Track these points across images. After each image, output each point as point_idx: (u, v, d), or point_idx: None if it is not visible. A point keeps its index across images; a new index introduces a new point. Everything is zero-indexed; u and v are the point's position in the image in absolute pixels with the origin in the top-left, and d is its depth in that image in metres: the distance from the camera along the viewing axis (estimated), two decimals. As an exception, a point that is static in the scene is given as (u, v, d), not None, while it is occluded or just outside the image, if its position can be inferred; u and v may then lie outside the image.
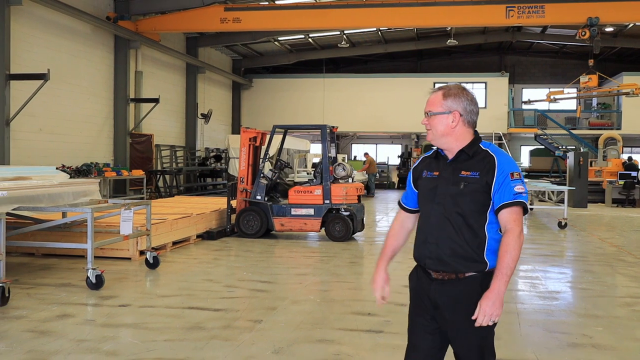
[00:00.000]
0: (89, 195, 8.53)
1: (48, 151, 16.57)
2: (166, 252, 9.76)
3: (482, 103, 31.07)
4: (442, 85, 3.21)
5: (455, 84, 3.09)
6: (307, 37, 28.01)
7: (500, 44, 32.34)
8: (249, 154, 12.05)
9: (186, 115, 25.49)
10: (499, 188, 2.80)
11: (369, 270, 8.83)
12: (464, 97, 2.98)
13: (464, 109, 2.96)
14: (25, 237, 8.74)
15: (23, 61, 15.48)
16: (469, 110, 2.97)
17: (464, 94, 2.99)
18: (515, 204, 2.76)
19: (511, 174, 2.80)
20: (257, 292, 7.15)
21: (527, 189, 2.80)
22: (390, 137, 35.28)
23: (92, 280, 6.94)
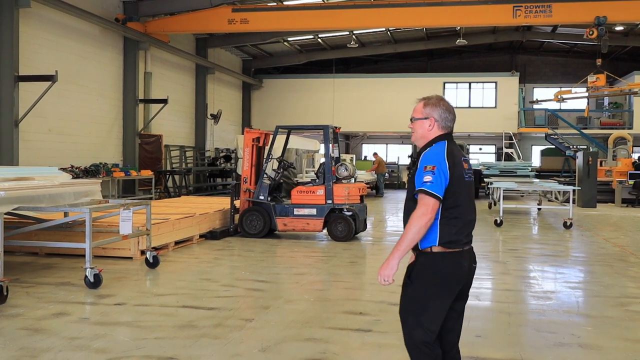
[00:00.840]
0: (90, 196, 8.65)
1: (57, 152, 16.76)
2: (168, 252, 9.86)
3: (492, 103, 31.04)
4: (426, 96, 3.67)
5: (436, 95, 3.63)
6: (317, 38, 28.08)
7: (511, 43, 32.21)
8: (252, 154, 12.14)
9: (196, 116, 25.66)
10: (416, 178, 3.35)
11: (368, 270, 8.88)
12: (441, 106, 3.52)
13: (440, 116, 3.50)
14: (28, 237, 8.89)
15: (32, 63, 15.68)
16: (443, 117, 3.50)
17: (441, 104, 3.53)
18: (420, 191, 3.28)
19: (424, 167, 3.30)
20: (253, 291, 7.22)
21: (436, 179, 3.25)
22: (400, 137, 35.23)
23: (90, 279, 7.05)
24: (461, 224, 3.37)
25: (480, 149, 33.92)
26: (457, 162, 3.37)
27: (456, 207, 3.34)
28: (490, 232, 13.38)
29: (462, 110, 31.07)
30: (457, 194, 3.34)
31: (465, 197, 3.39)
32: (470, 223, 3.48)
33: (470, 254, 3.48)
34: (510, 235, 12.96)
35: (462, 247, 3.38)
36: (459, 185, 3.34)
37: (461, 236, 3.37)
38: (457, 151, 3.45)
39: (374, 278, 7.96)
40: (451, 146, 3.42)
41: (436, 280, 3.33)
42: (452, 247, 3.34)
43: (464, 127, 30.95)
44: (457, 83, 31.46)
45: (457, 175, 3.34)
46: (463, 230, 3.39)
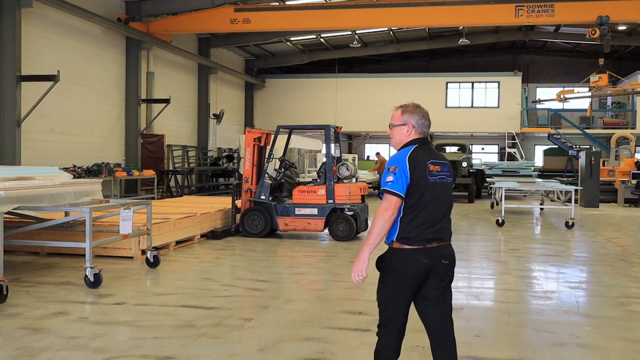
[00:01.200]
0: (90, 195, 8.66)
1: (59, 151, 16.79)
2: (169, 251, 9.87)
3: (495, 102, 30.98)
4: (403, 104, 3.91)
5: (412, 103, 3.86)
6: (319, 37, 28.09)
7: (514, 43, 32.18)
8: (253, 154, 12.15)
9: (198, 116, 25.67)
10: (382, 178, 3.70)
11: (369, 270, 8.87)
12: (417, 113, 3.77)
13: (416, 122, 3.75)
14: (29, 237, 8.91)
15: (34, 63, 15.71)
16: (420, 123, 3.76)
17: (417, 111, 3.78)
18: (384, 190, 3.58)
19: (388, 168, 3.61)
20: (253, 291, 7.22)
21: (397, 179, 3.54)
22: (403, 136, 35.17)
23: (90, 278, 7.06)
24: (421, 221, 3.56)
25: (482, 149, 33.86)
26: (420, 164, 3.58)
27: (417, 206, 3.56)
28: (491, 232, 13.36)
29: (465, 110, 31.09)
30: (419, 193, 3.56)
31: (430, 197, 3.58)
32: (435, 221, 3.61)
33: (439, 251, 3.62)
34: (511, 235, 12.94)
35: (423, 244, 3.57)
36: (420, 186, 3.56)
37: (422, 234, 3.56)
38: (426, 154, 3.66)
39: (374, 277, 7.96)
40: (418, 150, 3.65)
41: (392, 273, 3.64)
42: (410, 244, 3.57)
43: (466, 127, 30.99)
44: (460, 83, 31.41)
45: (419, 176, 3.56)
46: (424, 227, 3.56)
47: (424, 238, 3.57)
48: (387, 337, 3.69)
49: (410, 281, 3.60)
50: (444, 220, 3.68)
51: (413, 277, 3.59)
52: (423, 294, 3.66)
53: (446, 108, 31.21)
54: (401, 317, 3.67)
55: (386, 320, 3.70)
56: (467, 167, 22.32)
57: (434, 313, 3.69)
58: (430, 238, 3.59)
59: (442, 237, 3.66)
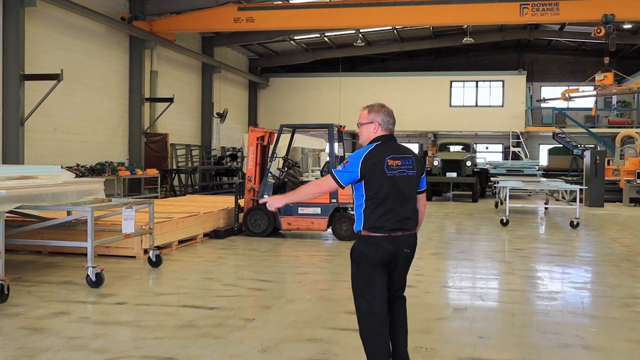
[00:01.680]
0: (93, 194, 8.63)
1: (63, 150, 16.78)
2: (172, 251, 9.84)
3: (499, 101, 30.88)
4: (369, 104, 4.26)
5: (378, 103, 4.21)
6: (323, 36, 28.03)
7: (518, 41, 32.06)
8: (256, 153, 12.11)
9: (202, 115, 25.66)
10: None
11: (372, 269, 8.83)
12: (383, 111, 4.11)
13: (382, 120, 4.08)
14: (32, 236, 8.89)
15: (38, 62, 15.70)
16: (385, 120, 4.09)
17: (383, 110, 4.12)
18: (330, 172, 4.07)
19: (345, 160, 4.02)
20: (255, 290, 7.18)
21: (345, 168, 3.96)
22: (407, 135, 35.11)
23: (92, 278, 7.03)
24: (383, 212, 3.88)
25: (487, 148, 33.75)
26: (378, 160, 3.90)
27: (377, 198, 3.90)
28: (496, 232, 13.30)
29: (469, 109, 31.00)
30: (379, 186, 3.89)
31: (388, 190, 3.89)
32: (397, 212, 3.91)
33: (402, 240, 3.95)
34: (516, 234, 12.88)
35: (388, 232, 3.90)
36: (379, 180, 3.89)
37: (385, 223, 3.89)
38: (387, 150, 3.96)
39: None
40: (380, 146, 3.98)
41: (363, 258, 3.96)
42: (375, 232, 3.92)
43: (470, 126, 30.90)
44: (464, 82, 31.32)
45: (374, 172, 3.89)
46: (386, 218, 3.89)
47: (389, 227, 3.90)
48: (375, 329, 3.92)
49: (379, 265, 3.93)
50: (406, 211, 3.97)
51: (381, 261, 3.92)
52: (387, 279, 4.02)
53: (450, 107, 31.15)
54: (380, 301, 3.93)
55: (369, 309, 3.93)
56: (472, 166, 22.24)
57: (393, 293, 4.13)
58: (394, 227, 3.91)
59: (406, 227, 3.97)
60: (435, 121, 31.03)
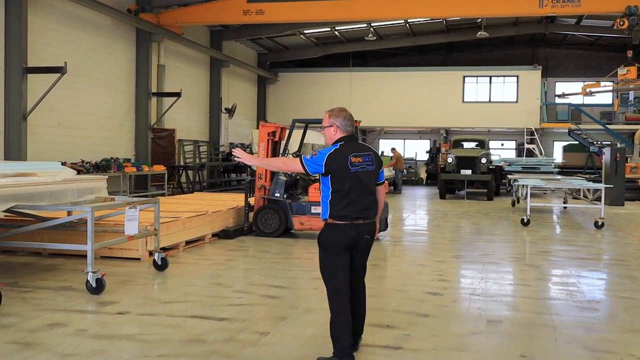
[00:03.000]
0: (95, 193, 8.11)
1: (67, 146, 16.29)
2: (179, 252, 9.32)
3: (513, 97, 30.23)
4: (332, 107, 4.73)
5: (338, 108, 4.70)
6: (334, 30, 27.44)
7: (533, 36, 31.38)
8: (267, 149, 11.56)
9: (210, 110, 25.14)
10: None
11: (392, 273, 8.27)
12: (341, 115, 4.60)
13: (340, 123, 4.58)
14: (31, 237, 8.39)
15: (42, 55, 15.20)
16: (344, 124, 4.59)
17: (341, 114, 4.61)
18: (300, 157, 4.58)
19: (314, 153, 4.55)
20: (268, 298, 6.63)
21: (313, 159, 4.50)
22: (418, 132, 34.56)
23: (92, 284, 6.50)
24: (346, 203, 4.42)
25: (502, 145, 33.09)
26: (341, 157, 4.43)
27: (341, 191, 4.43)
28: (517, 232, 12.71)
29: (482, 105, 30.35)
30: (342, 180, 4.43)
31: (351, 184, 4.43)
32: (359, 203, 4.45)
33: (363, 227, 4.50)
34: (539, 235, 12.28)
35: (351, 220, 4.44)
36: (342, 175, 4.43)
37: (348, 212, 4.42)
38: (349, 149, 4.50)
39: (398, 283, 7.37)
40: (343, 146, 4.50)
41: (329, 242, 4.48)
42: (340, 220, 4.44)
43: (484, 122, 30.26)
44: (477, 77, 30.67)
45: (339, 167, 4.42)
46: (350, 208, 4.42)
47: (351, 216, 4.43)
48: (340, 306, 4.44)
49: (342, 248, 4.46)
50: (367, 201, 4.51)
51: (344, 245, 4.46)
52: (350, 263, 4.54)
53: (463, 103, 30.52)
54: (344, 280, 4.46)
55: (335, 287, 4.46)
56: (487, 163, 21.62)
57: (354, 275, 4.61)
58: (356, 216, 4.45)
59: (367, 215, 4.52)
60: (447, 117, 30.38)
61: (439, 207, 18.75)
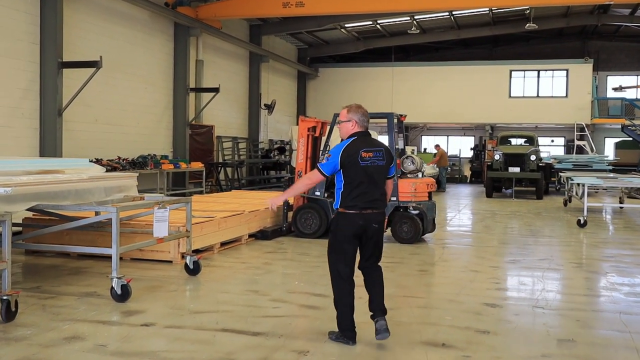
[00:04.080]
0: (124, 191, 7.62)
1: (103, 142, 15.95)
2: (213, 254, 8.79)
3: (562, 92, 29.02)
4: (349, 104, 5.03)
5: (355, 104, 5.02)
6: (376, 24, 26.67)
7: (583, 28, 30.06)
8: (307, 145, 10.95)
9: (249, 106, 24.65)
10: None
11: (443, 280, 7.57)
12: (359, 111, 4.91)
13: (359, 119, 4.89)
14: (59, 238, 7.98)
15: (77, 49, 14.87)
16: (361, 119, 4.90)
17: (360, 110, 4.93)
18: (316, 166, 4.90)
19: (327, 154, 4.84)
20: (308, 309, 6.02)
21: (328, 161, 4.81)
22: (462, 128, 33.57)
23: (117, 291, 5.98)
24: (356, 195, 4.73)
25: (552, 141, 31.88)
26: (354, 153, 4.74)
27: (352, 183, 4.76)
28: (574, 234, 11.85)
29: (530, 100, 29.24)
30: (353, 174, 4.75)
31: (361, 176, 4.76)
32: (367, 195, 4.78)
33: (371, 216, 4.81)
34: (598, 238, 11.41)
35: (359, 210, 4.76)
36: (353, 169, 4.74)
37: (358, 203, 4.74)
38: (362, 144, 4.82)
39: (451, 293, 6.67)
40: (356, 140, 4.82)
41: (339, 229, 4.83)
42: (350, 210, 4.77)
43: (531, 118, 29.15)
44: (525, 71, 29.52)
45: (351, 162, 4.73)
46: (359, 199, 4.74)
47: (360, 206, 4.76)
48: (344, 288, 4.80)
49: (351, 236, 4.80)
50: (376, 193, 4.83)
51: (352, 232, 4.80)
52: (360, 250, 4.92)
53: (509, 98, 29.43)
54: (350, 270, 4.83)
55: (338, 271, 4.81)
56: (536, 160, 20.65)
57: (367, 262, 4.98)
58: (365, 206, 4.77)
59: (375, 206, 4.84)
60: (493, 113, 29.34)
61: (486, 206, 17.90)
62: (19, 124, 13.45)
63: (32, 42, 13.67)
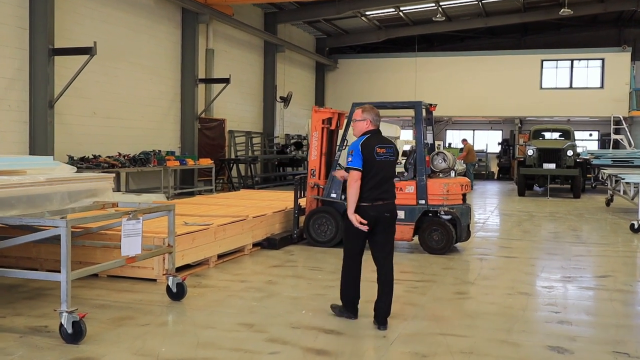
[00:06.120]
0: (96, 196, 6.27)
1: (103, 137, 14.70)
2: (208, 269, 7.41)
3: (597, 83, 27.28)
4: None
5: (368, 104, 5.76)
6: (398, 11, 25.12)
7: (620, 14, 28.16)
8: (321, 139, 9.49)
9: (264, 99, 23.29)
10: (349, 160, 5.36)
11: (486, 309, 6.06)
12: (373, 111, 5.45)
13: (372, 118, 5.42)
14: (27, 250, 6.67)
15: (73, 35, 13.61)
16: (375, 119, 5.43)
17: (373, 110, 5.47)
18: (348, 168, 5.30)
19: (350, 152, 5.29)
20: (315, 355, 4.56)
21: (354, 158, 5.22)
22: (489, 122, 31.89)
23: (66, 328, 4.61)
24: (370, 187, 5.22)
25: (590, 135, 30.09)
26: (370, 148, 5.24)
27: (367, 177, 5.22)
28: (630, 242, 10.31)
29: (562, 92, 27.55)
30: (369, 168, 5.21)
31: (376, 170, 5.24)
32: (380, 187, 5.26)
33: (382, 207, 5.27)
34: (659, 246, 9.84)
35: (371, 202, 5.23)
36: (369, 163, 5.22)
37: (370, 195, 5.22)
38: (376, 140, 5.33)
39: (501, 328, 5.21)
40: (370, 138, 5.32)
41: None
42: (362, 202, 5.21)
43: (564, 110, 27.46)
44: (557, 60, 27.78)
45: (368, 156, 5.22)
46: (372, 192, 5.23)
47: (372, 197, 5.23)
48: (351, 265, 5.39)
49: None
50: (387, 185, 5.35)
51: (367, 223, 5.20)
52: (373, 239, 5.34)
53: (541, 89, 27.76)
54: (358, 250, 5.36)
55: (349, 253, 5.41)
56: (573, 156, 19.00)
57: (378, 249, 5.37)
58: (376, 197, 5.25)
59: (386, 197, 5.32)
60: (523, 106, 27.65)
61: (520, 206, 16.33)
62: (5, 117, 12.23)
63: (20, 26, 12.43)
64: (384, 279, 5.28)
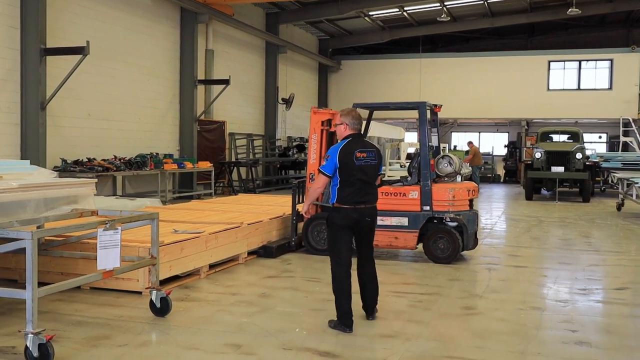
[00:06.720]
0: (75, 203, 5.80)
1: (98, 140, 14.29)
2: (199, 280, 6.97)
3: (606, 84, 26.75)
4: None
5: (348, 108, 5.78)
6: (402, 11, 24.66)
7: (629, 14, 27.62)
8: (320, 142, 9.04)
9: (265, 100, 22.86)
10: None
11: (497, 327, 5.58)
12: (351, 115, 5.48)
13: (350, 122, 5.44)
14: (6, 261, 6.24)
15: (67, 35, 13.21)
16: (352, 122, 5.45)
17: (351, 114, 5.50)
18: (318, 170, 5.50)
19: (327, 156, 5.40)
20: (308, 380, 4.12)
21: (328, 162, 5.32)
22: (495, 124, 31.39)
23: (32, 351, 4.17)
24: (350, 191, 5.29)
25: (600, 137, 29.54)
26: (349, 153, 5.28)
27: (348, 180, 5.29)
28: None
29: (570, 93, 27.03)
30: (347, 172, 5.28)
31: (356, 175, 5.29)
32: (361, 191, 5.32)
33: (364, 211, 5.36)
34: (677, 255, 9.34)
35: (353, 205, 5.30)
36: (349, 167, 5.27)
37: (352, 198, 5.29)
38: (356, 145, 5.36)
39: (514, 350, 4.73)
40: (351, 142, 5.35)
41: (335, 223, 5.37)
42: (344, 204, 5.30)
43: (572, 112, 26.95)
44: (565, 61, 27.26)
45: (346, 161, 5.26)
46: (353, 195, 5.29)
47: (354, 201, 5.30)
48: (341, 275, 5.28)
49: (345, 227, 5.33)
50: (369, 188, 5.40)
51: (347, 225, 5.32)
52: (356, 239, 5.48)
53: (548, 91, 27.25)
54: (345, 254, 5.33)
55: (338, 258, 5.31)
56: (582, 159, 18.47)
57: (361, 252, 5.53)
58: (358, 201, 5.32)
59: (367, 200, 5.39)
60: (529, 107, 27.15)
61: (528, 210, 15.83)
62: (-6, 119, 11.80)
63: (10, 25, 12.04)
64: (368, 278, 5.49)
